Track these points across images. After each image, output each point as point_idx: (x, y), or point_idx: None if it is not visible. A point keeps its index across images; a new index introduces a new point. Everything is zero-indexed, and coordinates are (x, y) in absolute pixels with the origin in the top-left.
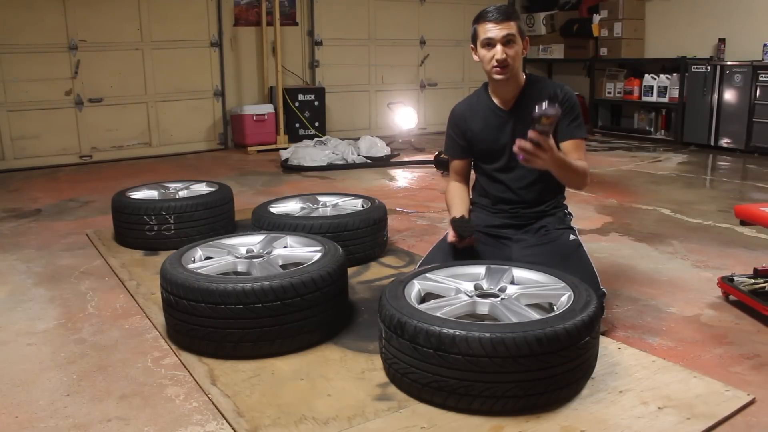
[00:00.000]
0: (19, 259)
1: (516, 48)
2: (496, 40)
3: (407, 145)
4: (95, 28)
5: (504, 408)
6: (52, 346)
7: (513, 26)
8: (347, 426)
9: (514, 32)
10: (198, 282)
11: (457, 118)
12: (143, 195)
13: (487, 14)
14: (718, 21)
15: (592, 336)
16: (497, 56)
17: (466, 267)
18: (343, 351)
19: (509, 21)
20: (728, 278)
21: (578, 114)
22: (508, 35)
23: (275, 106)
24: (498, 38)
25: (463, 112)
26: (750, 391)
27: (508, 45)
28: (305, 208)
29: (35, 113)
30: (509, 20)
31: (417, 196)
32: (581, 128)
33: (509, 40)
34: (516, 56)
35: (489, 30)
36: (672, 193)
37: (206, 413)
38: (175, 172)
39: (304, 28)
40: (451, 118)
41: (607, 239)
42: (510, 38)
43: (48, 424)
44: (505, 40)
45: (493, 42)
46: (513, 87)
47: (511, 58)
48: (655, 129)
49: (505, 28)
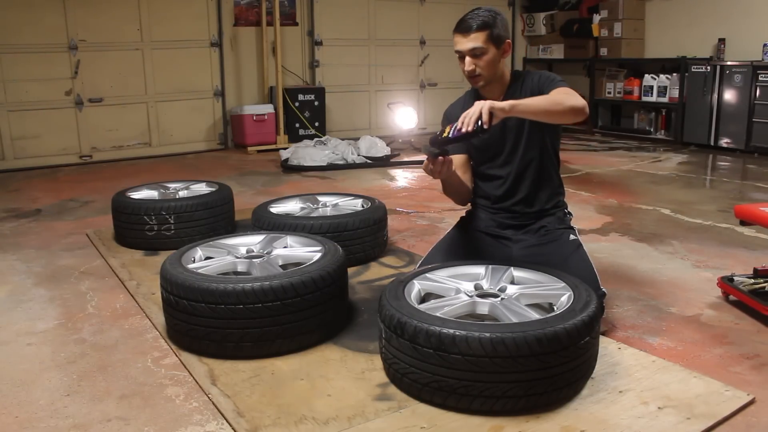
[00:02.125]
0: (19, 259)
1: (487, 57)
2: (463, 53)
3: (407, 145)
4: (95, 28)
5: (504, 408)
6: (52, 346)
7: (481, 37)
8: (347, 426)
9: (480, 44)
10: (198, 282)
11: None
12: (143, 195)
13: (460, 25)
14: (718, 21)
15: (592, 336)
16: (466, 67)
17: (466, 267)
18: (343, 351)
19: (478, 31)
20: (728, 278)
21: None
22: (475, 48)
23: (275, 106)
24: (465, 50)
25: (457, 111)
26: (750, 391)
27: (477, 57)
28: (305, 208)
29: (35, 113)
30: (479, 30)
31: (417, 196)
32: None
33: (477, 53)
34: (487, 65)
35: (457, 42)
36: (672, 193)
37: (206, 413)
38: (175, 172)
39: (304, 28)
40: (446, 116)
41: (607, 239)
42: (477, 51)
43: (48, 424)
44: (471, 53)
45: (461, 54)
46: (497, 87)
47: (480, 68)
48: (655, 129)
49: (471, 41)
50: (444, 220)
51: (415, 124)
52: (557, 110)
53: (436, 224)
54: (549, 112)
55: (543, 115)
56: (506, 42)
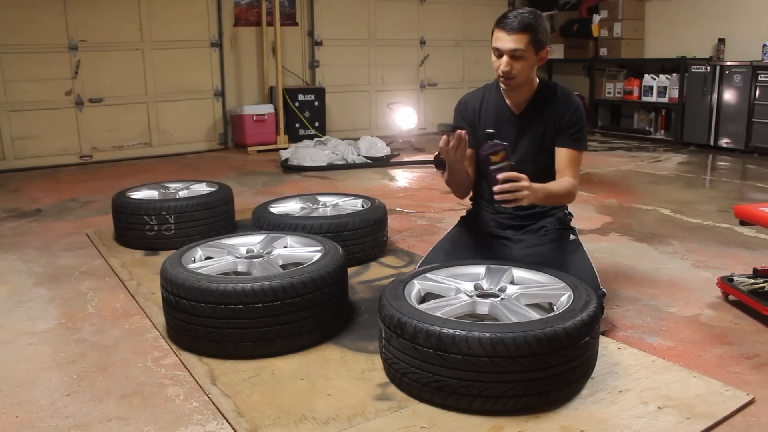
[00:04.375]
0: (19, 259)
1: (525, 62)
2: (503, 52)
3: (407, 145)
4: (95, 28)
5: (504, 408)
6: (52, 346)
7: (524, 39)
8: (347, 426)
9: (523, 47)
10: (198, 282)
11: (468, 109)
12: (143, 195)
13: (504, 20)
14: (717, 21)
15: (592, 336)
16: (502, 68)
17: (466, 267)
18: (343, 351)
19: (522, 33)
20: (728, 278)
21: (582, 127)
22: (516, 50)
23: (275, 106)
24: (505, 50)
25: (474, 104)
26: (750, 391)
27: (516, 59)
28: (305, 208)
29: (35, 113)
30: (523, 32)
31: (417, 196)
32: (582, 141)
33: (517, 55)
34: (523, 69)
35: (499, 39)
36: (672, 193)
37: (206, 413)
38: (175, 172)
39: (304, 28)
40: (461, 107)
41: (607, 239)
42: (518, 53)
43: (48, 423)
44: (512, 53)
45: (501, 53)
46: (524, 92)
47: (516, 71)
48: (654, 129)
49: (514, 41)
50: (444, 220)
51: (415, 124)
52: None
53: (436, 224)
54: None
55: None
56: (545, 49)
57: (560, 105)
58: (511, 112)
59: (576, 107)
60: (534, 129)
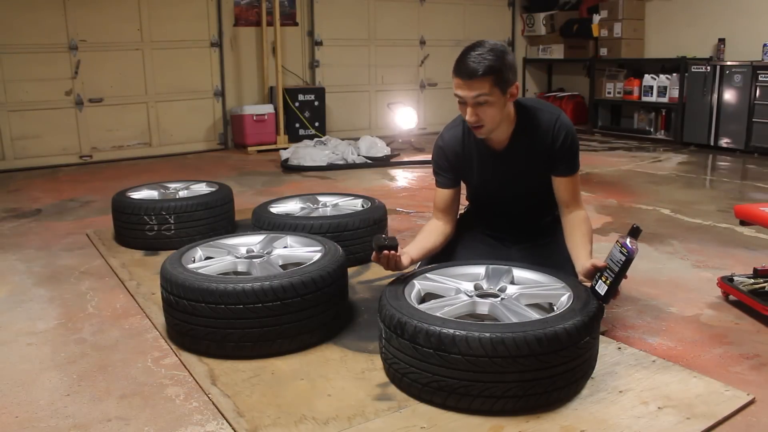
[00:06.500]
0: (19, 259)
1: (491, 107)
2: (465, 100)
3: (407, 145)
4: (95, 28)
5: (504, 408)
6: (52, 346)
7: (486, 83)
8: (347, 426)
9: (486, 91)
10: (198, 282)
11: (448, 153)
12: (143, 195)
13: (460, 66)
14: (718, 21)
15: (592, 336)
16: (468, 118)
17: (466, 267)
18: (343, 351)
19: (483, 77)
20: (728, 278)
21: (576, 151)
22: (479, 96)
23: (275, 106)
24: (467, 99)
25: (455, 147)
26: (750, 391)
27: (480, 105)
28: (305, 208)
29: (35, 113)
30: (483, 76)
31: (417, 196)
32: (577, 163)
33: (481, 101)
34: (492, 115)
35: (458, 86)
36: (672, 193)
37: (206, 413)
38: (175, 172)
39: (304, 28)
40: (440, 150)
41: (607, 239)
42: (481, 99)
43: (48, 423)
44: (474, 102)
45: (464, 101)
46: (502, 131)
47: (484, 118)
48: (655, 129)
49: (475, 88)
50: None
51: (415, 124)
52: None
53: None
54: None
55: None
56: (514, 85)
57: (547, 135)
58: (493, 151)
59: (566, 134)
60: (521, 165)
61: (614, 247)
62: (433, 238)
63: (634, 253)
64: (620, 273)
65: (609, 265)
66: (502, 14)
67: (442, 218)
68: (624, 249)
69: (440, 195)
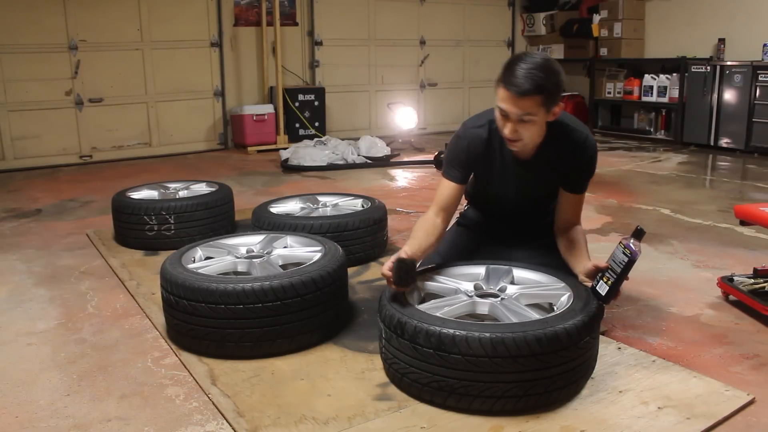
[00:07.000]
0: (19, 259)
1: (534, 125)
2: (509, 116)
3: (407, 145)
4: (95, 28)
5: (504, 408)
6: (52, 346)
7: (535, 103)
8: (347, 426)
9: (533, 111)
10: (198, 282)
11: (470, 150)
12: (143, 195)
13: (511, 79)
14: (718, 21)
15: (592, 336)
16: (507, 134)
17: (466, 267)
18: (343, 351)
19: (532, 96)
20: (728, 278)
21: (593, 171)
22: (525, 115)
23: (275, 106)
24: (512, 115)
25: (478, 147)
26: (750, 391)
27: (524, 122)
28: (305, 208)
29: (35, 113)
30: (533, 95)
31: (417, 196)
32: (587, 184)
33: (525, 120)
34: (532, 133)
35: (504, 100)
36: (672, 193)
37: (206, 413)
38: (175, 172)
39: (304, 28)
40: (462, 145)
41: (607, 239)
42: (526, 118)
43: (48, 423)
44: (518, 118)
45: (507, 115)
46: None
47: (524, 134)
48: (655, 129)
49: (523, 107)
50: None
51: (415, 124)
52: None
53: None
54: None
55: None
56: (559, 105)
57: (573, 151)
58: (516, 159)
59: (591, 155)
60: (541, 175)
61: (617, 248)
62: (432, 240)
63: (637, 255)
64: (622, 274)
65: (611, 265)
66: (502, 14)
67: (441, 216)
68: (627, 250)
69: (448, 190)
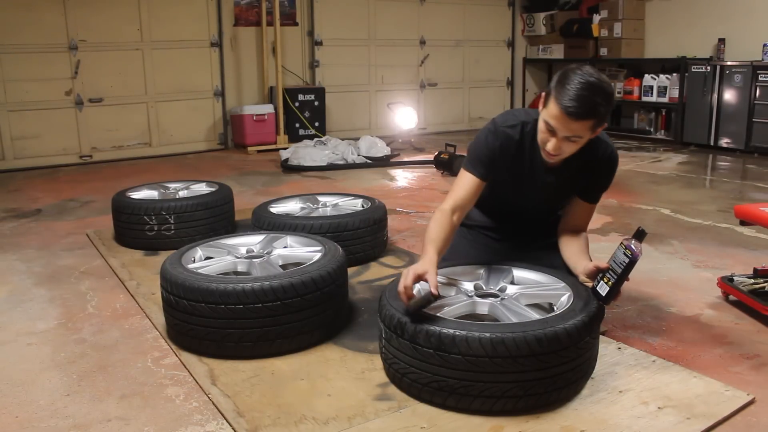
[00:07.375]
0: (19, 259)
1: (578, 144)
2: (558, 134)
3: (407, 145)
4: (95, 28)
5: (504, 408)
6: (52, 346)
7: (585, 126)
8: (347, 426)
9: (582, 134)
10: (198, 282)
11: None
12: (143, 195)
13: (568, 101)
14: (718, 21)
15: (592, 336)
16: (550, 149)
17: (466, 267)
18: (343, 351)
19: (586, 120)
20: (728, 278)
21: (610, 180)
22: (574, 136)
23: (275, 106)
24: (560, 133)
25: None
26: (750, 391)
27: (569, 141)
28: (305, 208)
29: (35, 113)
30: (586, 119)
31: (417, 196)
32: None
33: (572, 140)
34: (574, 150)
35: (556, 119)
36: (672, 193)
37: (206, 413)
38: (175, 172)
39: (304, 28)
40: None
41: (607, 239)
42: (574, 139)
43: (48, 424)
44: (565, 137)
45: (552, 130)
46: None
47: (566, 151)
48: (655, 129)
49: (574, 130)
50: None
51: (415, 124)
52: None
53: None
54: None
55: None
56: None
57: (597, 163)
58: (545, 166)
59: (613, 168)
60: (564, 183)
61: (618, 248)
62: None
63: (638, 256)
64: (623, 275)
65: (612, 266)
66: (502, 14)
67: (457, 214)
68: (628, 251)
69: (469, 185)
